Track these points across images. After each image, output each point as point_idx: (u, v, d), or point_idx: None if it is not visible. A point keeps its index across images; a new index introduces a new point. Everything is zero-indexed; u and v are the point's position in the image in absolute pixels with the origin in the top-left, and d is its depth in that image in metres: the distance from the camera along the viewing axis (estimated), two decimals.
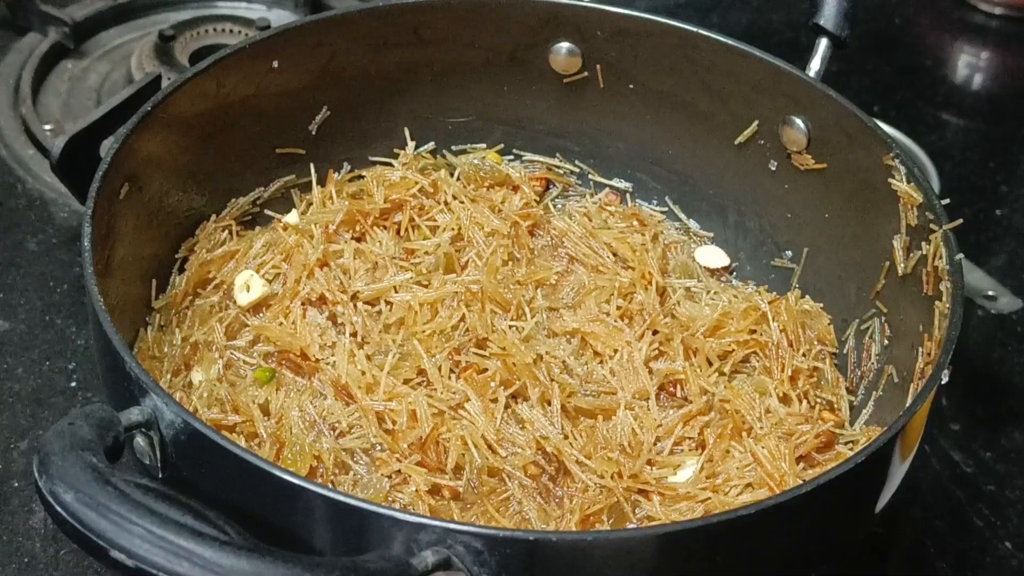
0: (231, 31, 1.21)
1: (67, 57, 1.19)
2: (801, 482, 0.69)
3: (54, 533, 0.80)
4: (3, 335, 0.93)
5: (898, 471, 0.71)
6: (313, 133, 0.94)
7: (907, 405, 0.72)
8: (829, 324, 0.89)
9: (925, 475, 0.91)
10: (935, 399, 0.70)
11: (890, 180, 0.84)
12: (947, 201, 0.81)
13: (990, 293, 1.05)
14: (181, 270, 0.87)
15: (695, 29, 0.91)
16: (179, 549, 0.55)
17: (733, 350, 0.85)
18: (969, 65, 1.38)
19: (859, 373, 0.87)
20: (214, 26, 1.21)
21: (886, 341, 0.85)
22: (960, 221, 0.80)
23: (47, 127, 1.10)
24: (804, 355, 0.86)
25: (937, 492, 0.90)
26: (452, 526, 0.59)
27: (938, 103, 1.31)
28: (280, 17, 1.24)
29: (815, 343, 0.87)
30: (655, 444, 0.79)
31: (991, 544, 0.87)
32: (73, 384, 0.90)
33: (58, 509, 0.57)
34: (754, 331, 0.86)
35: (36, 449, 0.59)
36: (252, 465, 0.60)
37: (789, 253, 0.94)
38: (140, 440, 0.65)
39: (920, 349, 0.80)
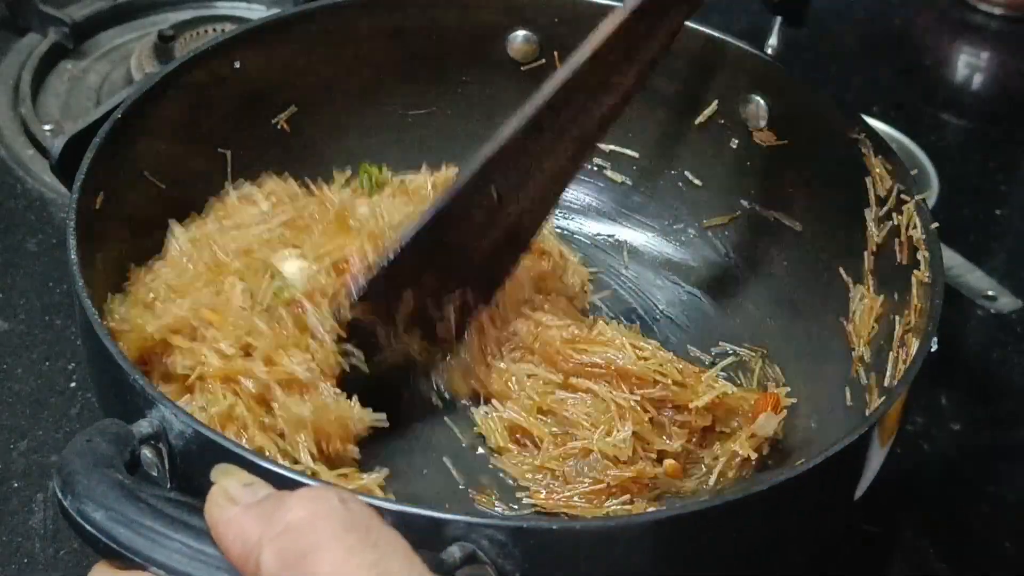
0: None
1: (67, 57, 1.19)
2: None
3: (54, 533, 0.80)
4: (3, 335, 0.93)
5: (878, 455, 0.71)
6: (278, 131, 0.94)
7: (889, 375, 0.71)
8: None
9: (925, 475, 0.91)
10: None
11: (859, 153, 0.84)
12: (935, 196, 0.81)
13: (990, 293, 1.04)
14: None
15: None
16: (219, 561, 0.54)
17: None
18: (969, 65, 1.38)
19: None
20: (214, 26, 1.21)
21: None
22: (931, 192, 0.79)
23: (47, 127, 1.10)
24: None
25: (937, 492, 0.90)
26: (476, 520, 0.59)
27: (938, 103, 1.31)
28: None
29: None
30: None
31: (991, 544, 0.87)
32: (73, 384, 0.90)
33: (89, 528, 0.56)
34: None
35: (57, 469, 0.58)
36: (267, 471, 0.60)
37: None
38: (147, 451, 0.64)
39: (898, 318, 0.80)
